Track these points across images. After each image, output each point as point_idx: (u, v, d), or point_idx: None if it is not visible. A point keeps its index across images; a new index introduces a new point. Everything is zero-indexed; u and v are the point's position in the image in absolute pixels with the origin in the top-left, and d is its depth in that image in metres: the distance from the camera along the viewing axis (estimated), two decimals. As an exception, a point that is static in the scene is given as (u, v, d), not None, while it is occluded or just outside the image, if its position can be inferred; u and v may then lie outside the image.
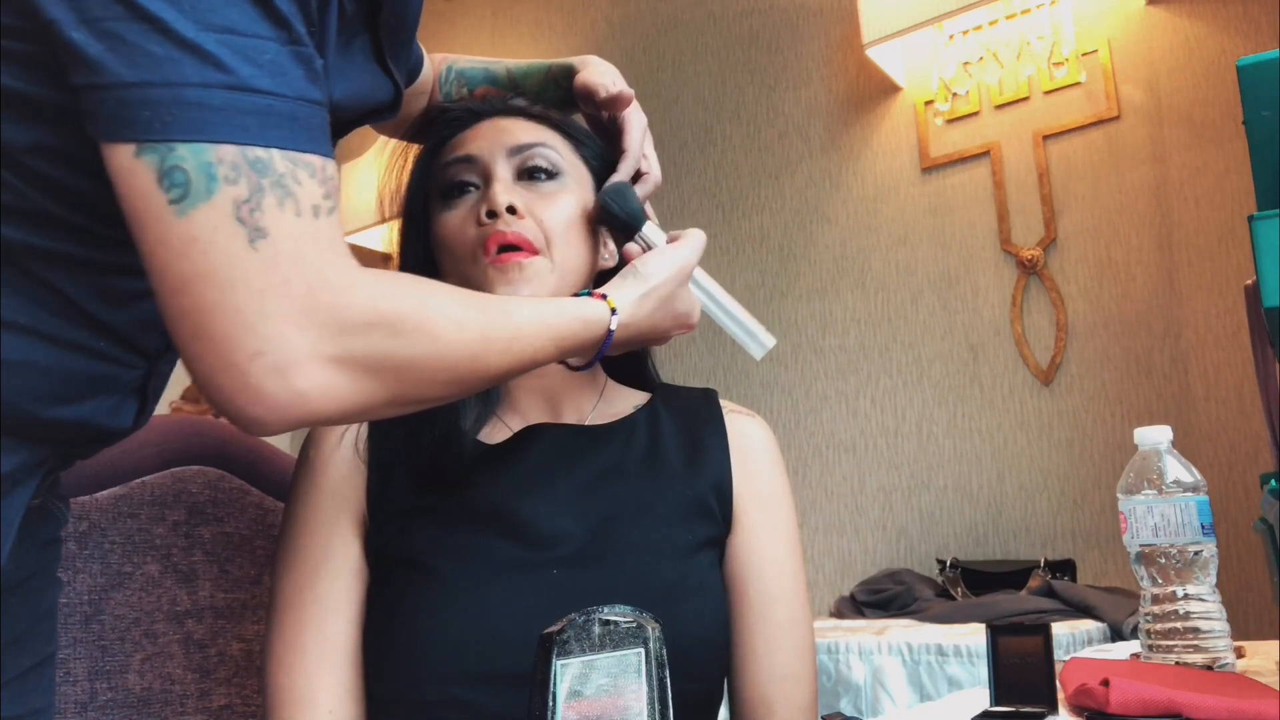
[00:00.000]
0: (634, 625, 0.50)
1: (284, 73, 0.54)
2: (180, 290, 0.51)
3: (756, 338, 0.84)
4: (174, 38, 0.50)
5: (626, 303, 0.73)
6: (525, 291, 0.80)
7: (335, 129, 0.74)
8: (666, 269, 0.77)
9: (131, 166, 0.51)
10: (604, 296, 0.73)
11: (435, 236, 0.86)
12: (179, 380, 1.89)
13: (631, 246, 0.82)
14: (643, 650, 0.49)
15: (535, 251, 0.81)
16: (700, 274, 0.83)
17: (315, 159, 0.55)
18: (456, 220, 0.84)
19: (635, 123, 0.89)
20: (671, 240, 0.82)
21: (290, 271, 0.52)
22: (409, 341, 0.57)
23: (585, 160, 0.90)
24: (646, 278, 0.76)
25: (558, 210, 0.83)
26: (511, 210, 0.81)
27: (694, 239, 0.81)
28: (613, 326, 0.72)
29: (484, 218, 0.81)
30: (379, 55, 0.73)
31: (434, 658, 0.74)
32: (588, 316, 0.70)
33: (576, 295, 0.72)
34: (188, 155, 0.51)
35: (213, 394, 0.53)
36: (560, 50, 3.20)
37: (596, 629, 0.49)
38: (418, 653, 0.75)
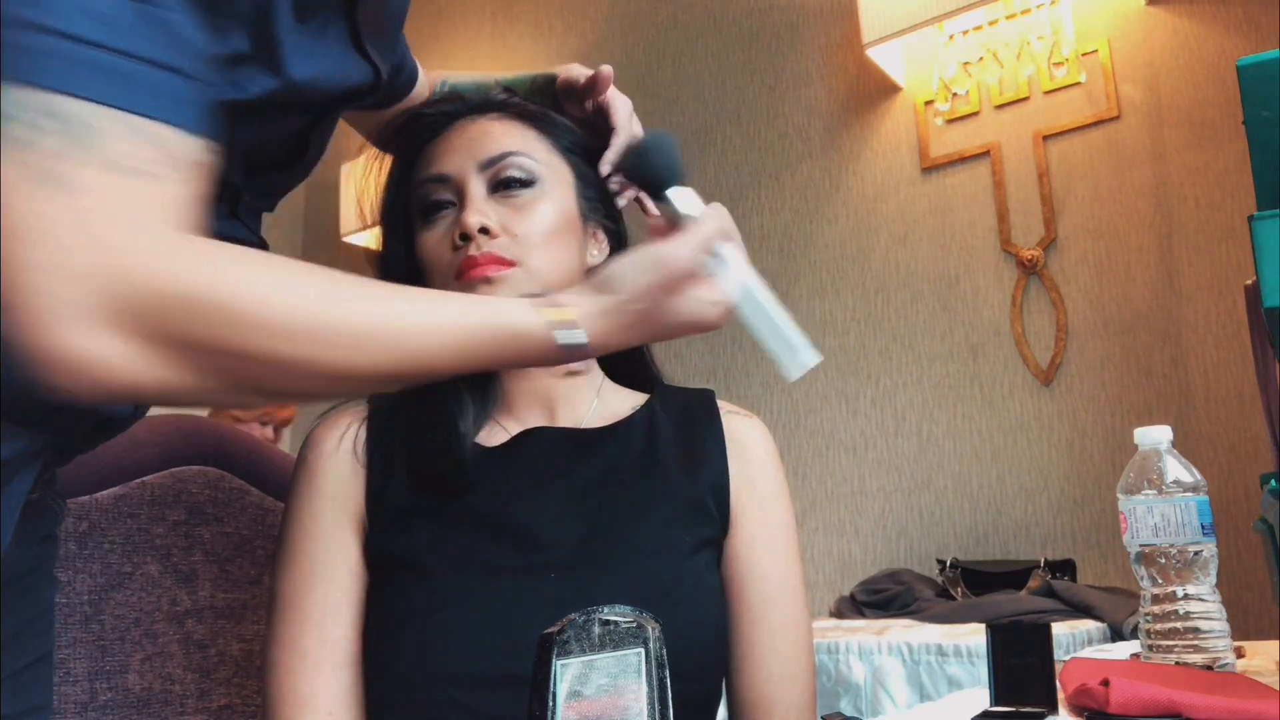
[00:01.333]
0: (634, 625, 0.49)
1: (120, 27, 0.51)
2: None
3: (796, 354, 0.69)
4: None
5: (587, 315, 0.64)
6: None
7: (313, 109, 0.74)
8: (641, 280, 0.65)
9: None
10: (558, 305, 0.64)
11: (418, 255, 0.85)
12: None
13: (656, 219, 0.73)
14: (643, 650, 0.49)
15: (509, 265, 0.80)
16: (746, 271, 0.70)
17: (147, 123, 0.51)
18: (434, 241, 0.84)
19: (620, 103, 0.90)
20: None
21: (86, 229, 0.48)
22: (217, 326, 0.51)
23: (563, 152, 0.89)
24: (615, 290, 0.65)
25: (533, 221, 0.83)
26: (485, 231, 0.80)
27: (689, 240, 0.68)
28: (562, 341, 0.63)
29: (458, 240, 0.81)
30: (357, 42, 0.73)
31: (432, 660, 0.74)
32: (516, 329, 0.61)
33: (533, 295, 0.65)
34: None
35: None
36: (560, 50, 3.20)
37: (596, 629, 0.49)
38: (416, 655, 0.75)
